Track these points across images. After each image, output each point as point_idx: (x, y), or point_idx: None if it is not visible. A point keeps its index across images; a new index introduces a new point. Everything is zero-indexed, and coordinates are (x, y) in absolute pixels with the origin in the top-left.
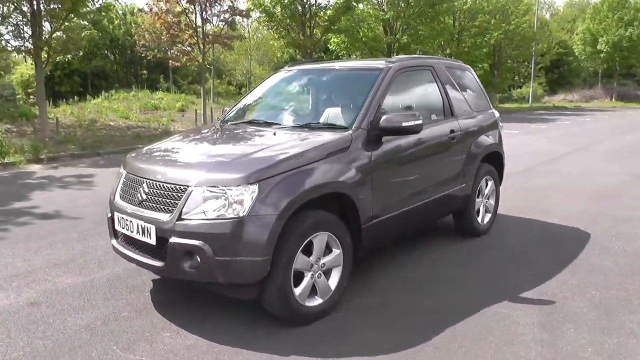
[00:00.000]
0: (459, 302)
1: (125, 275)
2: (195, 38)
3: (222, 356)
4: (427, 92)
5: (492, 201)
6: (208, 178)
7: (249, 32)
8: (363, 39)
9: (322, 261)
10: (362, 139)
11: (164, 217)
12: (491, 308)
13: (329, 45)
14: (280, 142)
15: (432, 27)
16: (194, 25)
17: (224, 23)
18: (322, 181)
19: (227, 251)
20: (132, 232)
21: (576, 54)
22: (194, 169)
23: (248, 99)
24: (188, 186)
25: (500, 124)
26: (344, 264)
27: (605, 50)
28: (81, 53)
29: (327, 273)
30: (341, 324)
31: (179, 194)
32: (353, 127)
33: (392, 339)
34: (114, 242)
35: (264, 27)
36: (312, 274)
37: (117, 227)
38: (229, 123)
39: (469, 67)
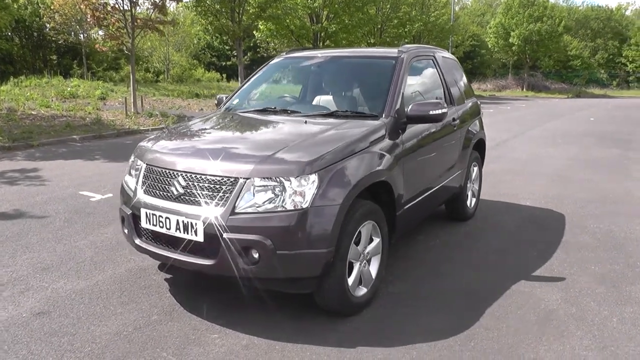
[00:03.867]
0: (483, 283)
1: (132, 276)
2: (124, 22)
3: (288, 353)
4: (431, 80)
5: (476, 186)
6: (263, 169)
7: (183, 17)
8: (291, 27)
9: (366, 250)
10: (392, 127)
11: (213, 211)
12: (514, 288)
13: (255, 32)
14: (321, 131)
15: (359, 16)
16: (121, 8)
17: (153, 7)
18: (372, 170)
19: (289, 244)
20: (168, 229)
21: (489, 46)
22: (243, 159)
23: (250, 87)
24: (240, 178)
25: (482, 112)
26: (383, 252)
27: (516, 43)
28: None
29: (368, 262)
30: (387, 312)
31: (229, 187)
32: (384, 115)
33: (444, 322)
34: (138, 241)
35: (191, 12)
36: (359, 264)
37: (144, 224)
38: (239, 111)
39: (455, 57)
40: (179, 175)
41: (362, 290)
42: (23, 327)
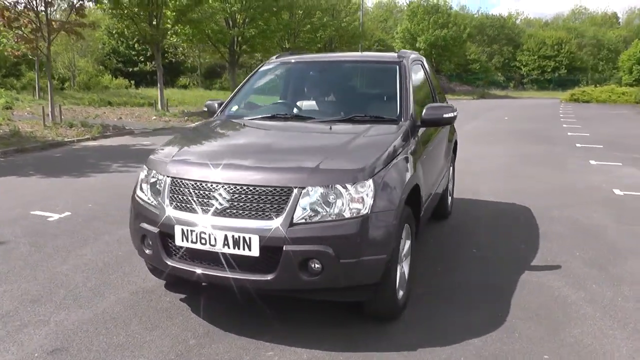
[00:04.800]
0: (493, 276)
1: (141, 300)
2: (38, 24)
3: None
4: (422, 83)
5: (450, 185)
6: (318, 177)
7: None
8: (209, 31)
9: (402, 253)
10: (410, 130)
11: (268, 224)
12: (523, 279)
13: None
14: (354, 136)
15: (278, 20)
16: (35, 9)
17: (70, 8)
18: (411, 173)
19: (352, 252)
20: (212, 245)
21: (396, 51)
22: (294, 168)
23: (245, 93)
24: (294, 188)
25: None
26: (411, 254)
27: (423, 48)
28: None
29: (402, 265)
30: (422, 312)
31: (283, 198)
32: (402, 119)
33: (479, 317)
34: (169, 261)
35: (105, 15)
36: (399, 267)
37: (180, 243)
38: (246, 119)
39: None
40: (219, 188)
41: (400, 293)
42: None
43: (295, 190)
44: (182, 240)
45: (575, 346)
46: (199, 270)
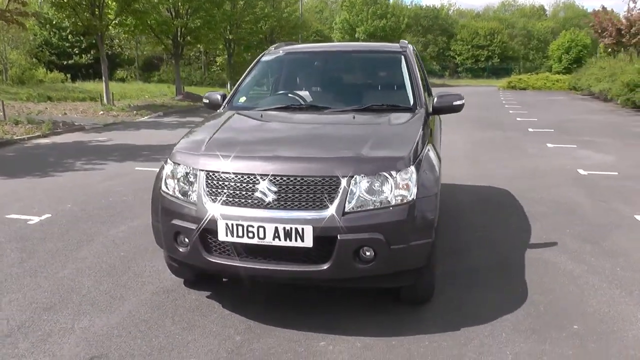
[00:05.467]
0: (499, 256)
1: (165, 300)
2: None
3: (410, 346)
4: (420, 73)
5: None
6: (365, 166)
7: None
8: (152, 22)
9: None
10: (425, 117)
11: (321, 214)
12: (528, 257)
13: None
14: (383, 125)
15: (222, 11)
16: None
17: None
18: (439, 158)
19: (402, 238)
20: (261, 238)
21: (335, 41)
22: (339, 158)
23: (250, 85)
24: (342, 177)
25: None
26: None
27: (362, 38)
28: None
29: None
30: (445, 295)
31: (333, 187)
32: (418, 107)
33: (501, 296)
34: (210, 257)
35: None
36: None
37: (223, 237)
38: (259, 109)
39: None
40: (264, 180)
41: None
42: None
43: (344, 180)
44: (227, 235)
45: (596, 315)
46: (245, 265)
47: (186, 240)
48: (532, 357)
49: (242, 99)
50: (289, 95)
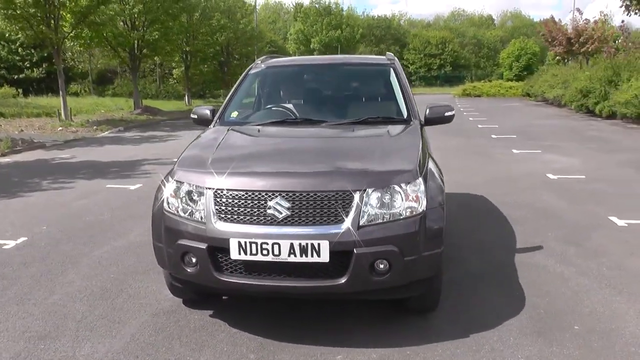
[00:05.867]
0: (492, 260)
1: (166, 322)
2: None
3: (426, 355)
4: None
5: None
6: (375, 179)
7: None
8: (109, 35)
9: None
10: (420, 129)
11: (337, 229)
12: (520, 261)
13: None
14: (384, 137)
15: (179, 23)
16: None
17: None
18: (437, 169)
19: (413, 250)
20: (276, 255)
21: (290, 52)
22: (350, 172)
23: (240, 98)
24: (355, 191)
25: None
26: None
27: (317, 48)
28: None
29: None
30: (451, 302)
31: (346, 202)
32: (412, 119)
33: (503, 300)
34: (222, 276)
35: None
36: None
37: (236, 256)
38: (253, 125)
39: None
40: (276, 196)
41: None
42: None
43: (357, 193)
44: (240, 254)
45: (593, 315)
46: (259, 282)
47: (194, 260)
48: None
49: (234, 114)
50: (282, 109)
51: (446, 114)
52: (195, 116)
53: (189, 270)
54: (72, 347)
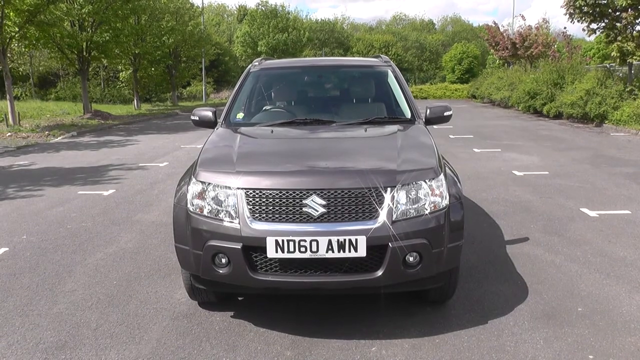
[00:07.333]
0: (487, 253)
1: (188, 325)
2: None
3: (454, 343)
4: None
5: None
6: (404, 176)
7: None
8: (57, 35)
9: None
10: (426, 127)
11: (372, 224)
12: (511, 252)
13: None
14: (397, 136)
15: (130, 25)
16: None
17: None
18: (451, 165)
19: (440, 242)
20: (314, 252)
21: (237, 55)
22: (380, 169)
23: (243, 99)
24: (386, 187)
25: None
26: None
27: (264, 51)
28: None
29: None
30: (460, 292)
31: (379, 198)
32: (416, 118)
33: (508, 288)
34: (258, 275)
35: None
36: None
37: (273, 254)
38: (262, 125)
39: None
40: (311, 194)
41: None
42: None
43: (388, 190)
44: (277, 252)
45: (591, 297)
46: (299, 279)
47: (224, 260)
48: (559, 340)
49: (240, 115)
50: (289, 110)
51: (445, 113)
52: (197, 118)
53: (220, 271)
54: (96, 354)
